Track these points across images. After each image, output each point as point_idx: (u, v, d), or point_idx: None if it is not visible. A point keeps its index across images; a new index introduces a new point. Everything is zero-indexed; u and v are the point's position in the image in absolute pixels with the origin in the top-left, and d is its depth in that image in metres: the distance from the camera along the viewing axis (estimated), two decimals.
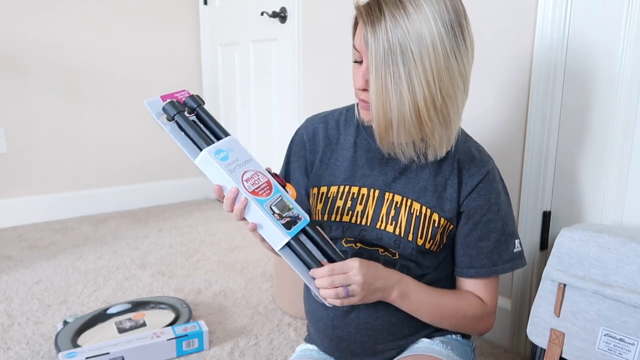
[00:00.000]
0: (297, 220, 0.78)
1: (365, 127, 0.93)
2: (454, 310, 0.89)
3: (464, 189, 0.88)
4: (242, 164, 0.78)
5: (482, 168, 0.88)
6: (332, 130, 0.96)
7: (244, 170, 0.77)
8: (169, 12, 2.73)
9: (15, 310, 1.58)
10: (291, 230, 0.76)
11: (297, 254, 0.78)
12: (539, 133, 1.21)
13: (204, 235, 2.32)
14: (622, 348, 0.89)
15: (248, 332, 1.45)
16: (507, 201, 0.92)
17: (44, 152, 2.49)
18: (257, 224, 0.76)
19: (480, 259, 0.89)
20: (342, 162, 0.93)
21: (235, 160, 0.78)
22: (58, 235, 2.32)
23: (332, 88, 1.97)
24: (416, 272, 0.89)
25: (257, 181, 0.78)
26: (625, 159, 1.07)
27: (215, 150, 0.76)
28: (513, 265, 0.91)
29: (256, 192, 0.76)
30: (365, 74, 0.79)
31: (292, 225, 0.77)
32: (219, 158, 0.76)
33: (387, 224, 0.88)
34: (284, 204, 0.78)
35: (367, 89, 0.79)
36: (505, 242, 0.90)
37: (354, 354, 0.92)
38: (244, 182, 0.76)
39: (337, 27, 1.90)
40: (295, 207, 0.79)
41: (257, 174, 0.79)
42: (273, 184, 0.79)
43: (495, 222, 0.89)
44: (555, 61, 1.16)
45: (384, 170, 0.90)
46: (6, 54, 2.33)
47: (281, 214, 0.77)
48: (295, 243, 0.77)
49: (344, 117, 0.97)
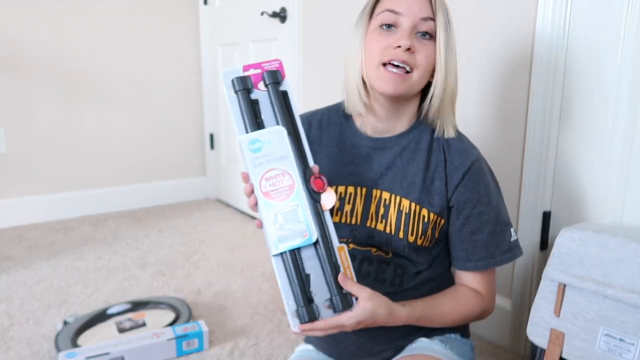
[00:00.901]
0: (296, 237, 0.72)
1: (349, 124, 0.93)
2: (457, 314, 0.89)
3: (450, 182, 0.87)
4: (274, 160, 0.74)
5: (466, 159, 0.87)
6: (316, 131, 0.95)
7: (270, 168, 0.74)
8: (169, 12, 2.73)
9: (15, 310, 1.58)
10: (283, 245, 0.72)
11: (286, 270, 0.73)
12: (539, 133, 1.21)
13: (204, 235, 2.32)
14: (622, 348, 0.89)
15: (248, 332, 1.45)
16: (497, 190, 0.91)
17: (44, 152, 2.49)
18: (262, 222, 0.74)
19: (477, 252, 0.88)
20: (327, 162, 0.92)
21: (267, 155, 0.74)
22: (58, 235, 2.32)
23: (332, 88, 1.97)
24: (410, 269, 0.89)
25: (277, 182, 0.73)
26: (626, 159, 1.07)
27: (251, 140, 0.74)
28: (512, 255, 0.90)
29: (269, 193, 0.73)
30: (410, 35, 0.81)
31: (288, 240, 0.72)
32: (251, 149, 0.73)
33: (377, 222, 0.87)
34: (295, 215, 0.73)
35: (414, 50, 0.81)
36: (501, 233, 0.89)
37: (352, 354, 0.92)
38: (263, 180, 0.73)
39: (337, 27, 1.90)
40: (307, 222, 0.73)
41: (283, 175, 0.74)
42: (296, 191, 0.74)
43: (487, 214, 0.88)
44: (555, 60, 1.16)
45: (369, 166, 0.89)
46: (6, 54, 2.33)
47: (283, 224, 0.72)
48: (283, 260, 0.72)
49: (327, 117, 0.96)
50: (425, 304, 0.85)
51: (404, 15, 0.80)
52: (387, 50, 0.81)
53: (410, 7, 0.80)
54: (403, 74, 0.81)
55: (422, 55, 0.81)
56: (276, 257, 0.73)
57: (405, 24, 0.80)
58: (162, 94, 2.78)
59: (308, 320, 0.71)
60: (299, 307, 0.71)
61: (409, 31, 0.80)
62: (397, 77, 0.81)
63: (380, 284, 0.89)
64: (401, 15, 0.80)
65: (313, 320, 0.71)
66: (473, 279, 0.91)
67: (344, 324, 0.72)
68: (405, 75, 0.81)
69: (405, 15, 0.80)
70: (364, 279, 0.89)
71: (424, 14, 0.80)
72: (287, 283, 0.72)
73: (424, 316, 0.83)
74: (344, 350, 0.92)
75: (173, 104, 2.82)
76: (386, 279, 0.89)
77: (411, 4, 0.80)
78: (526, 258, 1.29)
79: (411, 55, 0.80)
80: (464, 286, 0.92)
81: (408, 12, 0.80)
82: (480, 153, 0.90)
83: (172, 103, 2.82)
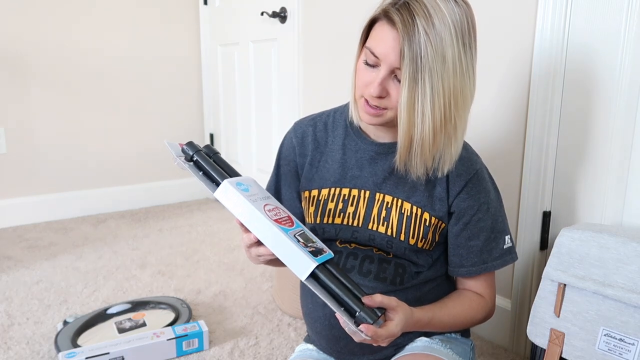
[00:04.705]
0: (322, 252, 0.74)
1: (354, 128, 0.93)
2: (464, 318, 0.90)
3: (452, 189, 0.88)
4: (262, 198, 0.77)
5: (470, 167, 0.88)
6: (321, 133, 0.96)
7: (265, 203, 0.76)
8: (169, 12, 2.73)
9: (15, 310, 1.58)
10: (318, 257, 0.72)
11: (324, 284, 0.72)
12: (539, 133, 1.21)
13: (204, 235, 2.32)
14: (622, 348, 0.89)
15: (248, 332, 1.45)
16: (497, 198, 0.92)
17: (44, 152, 2.49)
18: (280, 252, 0.72)
19: (470, 257, 0.90)
20: (331, 164, 0.93)
21: (255, 194, 0.76)
22: (58, 235, 2.32)
23: (332, 88, 1.97)
24: (411, 270, 0.90)
25: (278, 213, 0.76)
26: (625, 158, 1.07)
27: (237, 182, 0.75)
28: (503, 262, 0.92)
29: (279, 221, 0.74)
30: (384, 82, 0.78)
31: (318, 254, 0.73)
32: (241, 189, 0.74)
33: (379, 225, 0.88)
34: (307, 236, 0.76)
35: (383, 96, 0.79)
36: (495, 240, 0.90)
37: (352, 352, 0.93)
38: (267, 212, 0.74)
39: (337, 27, 1.90)
40: (318, 241, 0.76)
41: (278, 208, 0.77)
42: (294, 219, 0.77)
43: (485, 221, 0.89)
44: (555, 62, 1.16)
45: (373, 170, 0.90)
46: (6, 54, 2.33)
47: (306, 243, 0.74)
48: (322, 272, 0.72)
49: (332, 119, 0.97)
50: (435, 307, 0.87)
51: (382, 61, 0.79)
52: (366, 87, 0.81)
53: (387, 55, 0.78)
54: (378, 110, 0.82)
55: (393, 99, 0.80)
56: (311, 278, 0.72)
57: (382, 70, 0.79)
58: (162, 94, 2.78)
59: (372, 322, 0.70)
60: (359, 312, 0.70)
61: (383, 78, 0.79)
62: (373, 112, 0.82)
63: (381, 282, 0.90)
64: (379, 59, 0.79)
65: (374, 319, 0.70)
66: (475, 284, 0.93)
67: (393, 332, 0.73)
68: (381, 111, 0.82)
69: (382, 61, 0.79)
70: (365, 277, 0.90)
71: (398, 64, 0.77)
72: (334, 295, 0.72)
73: (435, 318, 0.85)
74: (344, 348, 0.92)
75: (173, 104, 2.82)
76: (387, 277, 0.90)
77: (388, 51, 0.77)
78: (526, 258, 1.29)
79: (382, 100, 0.80)
80: (468, 290, 0.94)
81: (385, 59, 0.78)
82: (482, 162, 0.92)
83: (172, 103, 2.82)
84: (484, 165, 0.91)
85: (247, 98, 2.59)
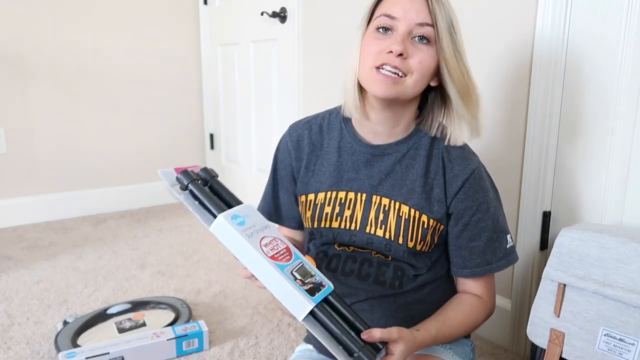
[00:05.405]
0: (320, 287, 0.71)
1: (349, 130, 0.92)
2: (466, 325, 0.89)
3: (449, 190, 0.87)
4: (260, 229, 0.74)
5: (466, 167, 0.87)
6: (316, 136, 0.95)
7: (262, 236, 0.73)
8: (169, 12, 2.73)
9: (15, 310, 1.58)
10: (315, 296, 0.69)
11: (322, 323, 0.70)
12: (538, 133, 1.21)
13: (204, 235, 2.32)
14: (622, 348, 0.89)
15: (248, 332, 1.45)
16: (495, 197, 0.91)
17: (44, 152, 2.49)
18: (276, 292, 0.70)
19: (473, 258, 0.89)
20: (327, 167, 0.92)
21: (252, 226, 0.73)
22: (58, 235, 2.32)
23: (332, 88, 1.97)
24: (410, 272, 0.89)
25: (276, 247, 0.73)
26: (625, 158, 1.07)
27: (232, 216, 0.72)
28: (507, 262, 0.91)
29: (275, 257, 0.71)
30: (405, 41, 0.79)
31: (316, 291, 0.70)
32: (236, 223, 0.71)
33: (377, 228, 0.87)
34: (306, 270, 0.73)
35: (405, 57, 0.79)
36: (498, 240, 0.89)
37: None
38: (263, 247, 0.71)
39: (337, 27, 1.90)
40: (317, 274, 0.73)
41: (276, 240, 0.74)
42: (293, 251, 0.74)
43: (485, 221, 0.88)
44: (555, 60, 1.16)
45: (369, 172, 0.90)
46: (6, 54, 2.33)
47: (303, 280, 0.71)
48: (320, 311, 0.70)
49: (327, 122, 0.96)
50: (437, 322, 0.84)
51: (400, 20, 0.79)
52: (380, 55, 0.80)
53: (407, 12, 0.79)
54: (395, 77, 0.80)
55: (415, 60, 0.80)
56: (307, 318, 0.70)
57: (401, 29, 0.79)
58: (162, 94, 2.78)
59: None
60: (357, 352, 0.68)
61: (403, 36, 0.79)
62: (389, 80, 0.80)
63: (380, 285, 0.89)
64: (397, 19, 0.79)
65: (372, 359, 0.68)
66: (475, 285, 0.92)
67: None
68: (398, 79, 0.80)
69: (401, 20, 0.79)
70: (364, 281, 0.89)
71: (420, 19, 0.79)
72: (331, 335, 0.70)
73: (439, 334, 0.83)
74: None
75: (173, 104, 2.82)
76: (386, 280, 0.89)
77: (407, 8, 0.79)
78: (526, 258, 1.29)
79: (403, 61, 0.79)
80: (467, 294, 0.92)
81: (404, 17, 0.79)
82: (480, 161, 0.90)
83: (172, 103, 2.82)
84: (481, 164, 0.90)
85: (247, 98, 2.59)
